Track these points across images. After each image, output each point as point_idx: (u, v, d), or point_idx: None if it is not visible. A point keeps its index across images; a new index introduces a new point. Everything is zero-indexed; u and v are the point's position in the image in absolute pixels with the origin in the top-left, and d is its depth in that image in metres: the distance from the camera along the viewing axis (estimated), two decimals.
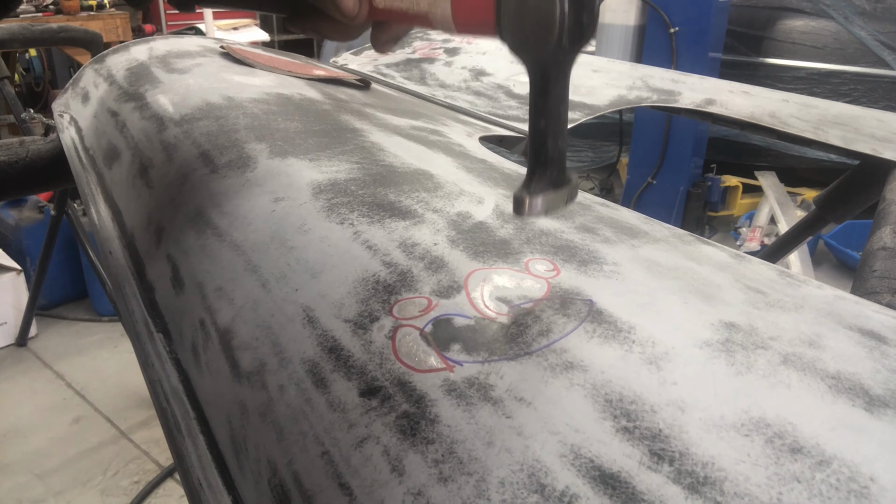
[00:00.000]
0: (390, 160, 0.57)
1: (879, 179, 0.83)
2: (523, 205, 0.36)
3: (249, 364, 0.40)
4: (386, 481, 0.30)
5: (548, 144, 0.36)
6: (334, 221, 0.46)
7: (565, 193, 0.38)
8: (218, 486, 0.39)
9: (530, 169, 0.37)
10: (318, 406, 0.35)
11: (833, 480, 0.26)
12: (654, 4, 3.32)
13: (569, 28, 0.33)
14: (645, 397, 0.30)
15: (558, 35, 0.33)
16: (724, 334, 0.34)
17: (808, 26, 3.42)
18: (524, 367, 0.32)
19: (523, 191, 0.37)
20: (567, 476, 0.27)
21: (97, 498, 1.93)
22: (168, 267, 0.52)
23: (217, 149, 0.60)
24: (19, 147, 0.89)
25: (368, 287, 0.40)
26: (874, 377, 0.31)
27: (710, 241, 0.47)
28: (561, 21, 0.33)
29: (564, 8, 0.33)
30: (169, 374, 0.47)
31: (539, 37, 0.34)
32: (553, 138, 0.36)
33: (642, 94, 1.00)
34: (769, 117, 0.93)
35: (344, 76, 0.93)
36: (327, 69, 0.99)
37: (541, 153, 0.37)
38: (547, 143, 0.36)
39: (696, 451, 0.27)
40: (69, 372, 2.49)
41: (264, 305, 0.42)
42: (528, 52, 0.35)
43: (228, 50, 0.92)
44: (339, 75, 0.93)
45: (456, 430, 0.30)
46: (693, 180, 3.54)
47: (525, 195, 0.36)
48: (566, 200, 0.38)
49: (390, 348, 0.35)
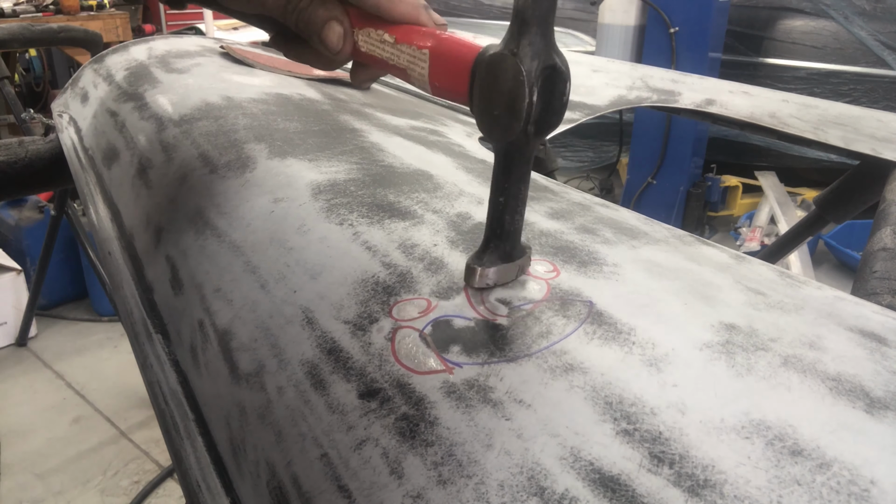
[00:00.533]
0: (390, 160, 0.57)
1: (879, 180, 0.83)
2: (474, 275, 0.37)
3: (248, 365, 0.40)
4: (385, 484, 0.30)
5: (504, 219, 0.37)
6: (334, 222, 0.46)
7: (516, 266, 0.39)
8: (216, 488, 0.39)
9: (485, 241, 0.38)
10: (317, 408, 0.35)
11: (834, 483, 0.26)
12: (654, 4, 3.31)
13: (535, 118, 0.34)
14: (645, 399, 0.30)
15: (524, 124, 0.34)
16: (724, 336, 0.34)
17: (808, 26, 3.42)
18: (524, 368, 0.32)
19: (475, 260, 0.38)
20: (567, 479, 0.27)
21: (97, 498, 1.93)
22: (167, 267, 0.52)
23: (216, 149, 0.60)
24: (18, 147, 0.89)
25: (368, 288, 0.40)
26: (875, 379, 0.31)
27: (710, 242, 0.47)
28: (528, 111, 0.34)
29: (533, 98, 0.33)
30: (167, 376, 0.47)
31: (506, 122, 0.34)
32: (510, 214, 0.37)
33: (642, 94, 1.00)
34: (769, 117, 0.93)
35: (344, 76, 0.93)
36: None
37: (497, 227, 0.38)
38: (504, 218, 0.37)
39: (697, 454, 0.27)
40: (69, 372, 2.49)
41: (263, 306, 0.42)
42: (494, 133, 0.36)
43: (228, 50, 0.92)
44: (340, 75, 0.93)
45: (455, 433, 0.30)
46: (693, 180, 3.54)
47: (477, 266, 0.37)
48: (517, 273, 0.39)
49: (390, 350, 0.35)
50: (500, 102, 0.34)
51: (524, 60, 0.33)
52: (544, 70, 0.33)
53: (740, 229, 3.47)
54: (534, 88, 0.33)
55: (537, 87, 0.33)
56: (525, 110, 0.33)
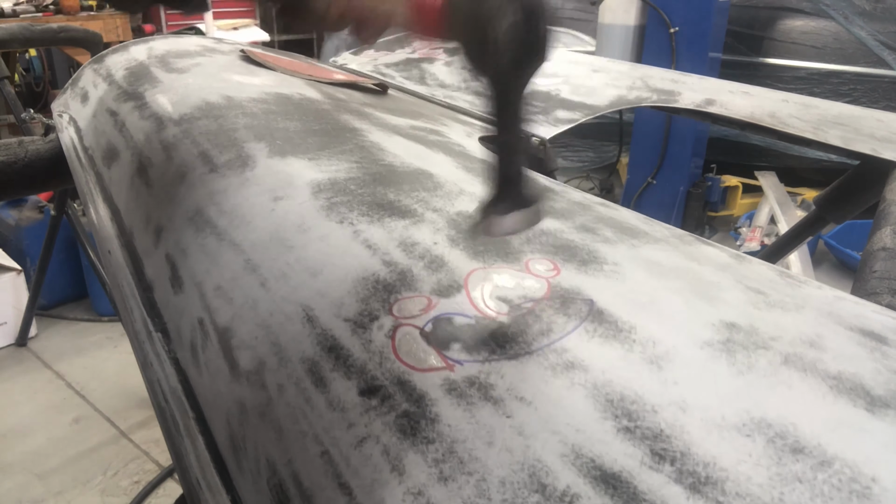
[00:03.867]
0: (390, 160, 0.57)
1: (879, 180, 0.83)
2: (491, 223, 0.36)
3: (248, 363, 0.40)
4: (386, 481, 0.30)
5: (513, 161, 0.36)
6: (334, 220, 0.46)
7: (536, 209, 0.37)
8: (217, 486, 0.39)
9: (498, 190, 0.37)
10: (318, 405, 0.35)
11: (835, 481, 0.26)
12: (654, 4, 3.31)
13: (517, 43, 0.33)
14: (646, 397, 0.30)
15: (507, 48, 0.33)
16: (724, 334, 0.34)
17: (808, 26, 3.42)
18: (525, 366, 0.32)
19: (490, 209, 0.36)
20: (568, 476, 0.27)
21: (97, 498, 1.93)
22: (167, 266, 0.52)
23: (216, 148, 0.60)
24: (18, 147, 0.89)
25: (368, 286, 0.40)
26: (875, 378, 0.31)
27: (710, 242, 0.47)
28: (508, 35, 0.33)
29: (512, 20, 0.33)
30: (168, 374, 0.46)
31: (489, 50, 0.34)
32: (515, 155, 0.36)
33: (642, 94, 1.00)
34: (769, 117, 0.93)
35: (362, 81, 0.93)
36: (346, 74, 0.99)
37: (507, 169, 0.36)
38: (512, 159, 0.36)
39: (698, 451, 0.27)
40: (69, 372, 2.49)
41: (263, 304, 0.42)
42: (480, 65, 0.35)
43: (249, 54, 0.91)
44: (358, 80, 0.93)
45: (456, 430, 0.30)
46: (693, 180, 3.54)
47: (492, 213, 0.36)
48: (533, 220, 0.37)
49: (390, 347, 0.35)
50: (479, 30, 0.34)
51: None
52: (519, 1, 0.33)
53: (740, 229, 3.46)
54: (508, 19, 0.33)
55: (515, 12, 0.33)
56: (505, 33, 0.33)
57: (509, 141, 0.36)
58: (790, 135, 0.90)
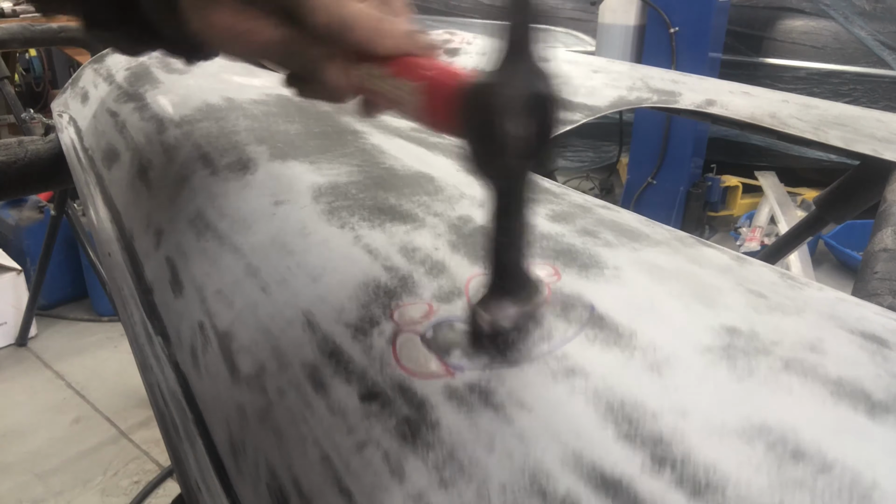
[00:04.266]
0: (391, 163, 0.57)
1: (880, 180, 0.83)
2: (488, 322, 0.34)
3: (249, 367, 0.40)
4: (386, 486, 0.30)
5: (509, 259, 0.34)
6: (335, 225, 0.46)
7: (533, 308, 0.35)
8: (216, 490, 0.39)
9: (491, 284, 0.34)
10: (318, 410, 0.35)
11: (836, 486, 0.26)
12: (654, 4, 3.31)
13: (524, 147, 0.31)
14: (646, 403, 0.30)
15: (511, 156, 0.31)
16: (725, 339, 0.34)
17: (808, 26, 3.42)
18: (525, 372, 0.32)
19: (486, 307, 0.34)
20: (569, 481, 0.27)
21: (97, 498, 1.93)
22: (167, 269, 0.52)
23: (217, 150, 0.60)
24: (18, 147, 0.89)
25: (369, 291, 0.40)
26: (876, 382, 0.31)
27: (710, 244, 0.47)
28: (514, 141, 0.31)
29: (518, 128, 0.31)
30: (167, 377, 0.47)
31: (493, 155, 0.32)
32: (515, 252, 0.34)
33: (642, 94, 1.00)
34: (769, 118, 0.93)
35: None
36: None
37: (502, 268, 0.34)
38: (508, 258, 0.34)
39: (699, 457, 0.27)
40: (69, 372, 2.49)
41: (264, 309, 0.42)
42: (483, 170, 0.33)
43: None
44: None
45: (457, 435, 0.30)
46: (693, 180, 3.54)
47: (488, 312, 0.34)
48: (533, 316, 0.35)
49: (391, 353, 0.35)
50: (485, 135, 0.32)
51: (504, 90, 0.31)
52: (529, 98, 0.31)
53: (740, 229, 3.47)
54: (516, 118, 0.31)
55: (521, 115, 0.31)
56: (510, 142, 0.31)
57: (508, 243, 0.34)
58: (790, 135, 0.90)
